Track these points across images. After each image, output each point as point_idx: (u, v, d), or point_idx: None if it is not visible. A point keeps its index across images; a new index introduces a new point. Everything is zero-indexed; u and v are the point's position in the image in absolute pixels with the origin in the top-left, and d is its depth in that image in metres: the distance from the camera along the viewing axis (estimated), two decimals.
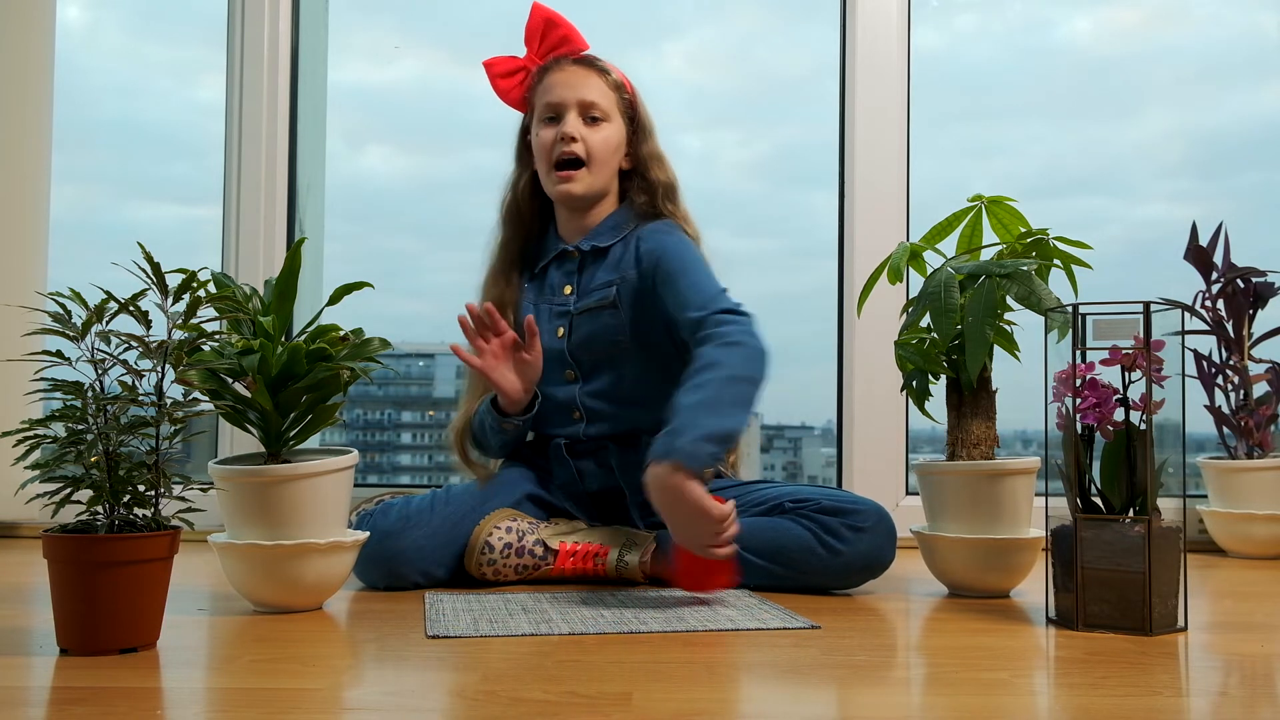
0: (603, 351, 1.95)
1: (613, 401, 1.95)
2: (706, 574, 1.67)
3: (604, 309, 1.94)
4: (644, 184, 2.02)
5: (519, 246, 2.04)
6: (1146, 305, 1.47)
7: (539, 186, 2.04)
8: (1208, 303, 2.44)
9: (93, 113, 2.79)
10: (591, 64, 1.99)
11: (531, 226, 2.05)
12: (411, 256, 2.98)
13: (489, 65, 2.02)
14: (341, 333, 1.60)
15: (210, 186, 2.68)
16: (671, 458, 1.55)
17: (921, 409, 1.81)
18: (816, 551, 1.76)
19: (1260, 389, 2.39)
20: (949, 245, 1.86)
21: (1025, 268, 1.68)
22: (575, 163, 1.94)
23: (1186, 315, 1.81)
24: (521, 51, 2.03)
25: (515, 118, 2.08)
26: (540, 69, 2.01)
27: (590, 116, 1.95)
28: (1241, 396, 2.39)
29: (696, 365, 1.67)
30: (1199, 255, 2.44)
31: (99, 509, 1.32)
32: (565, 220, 2.03)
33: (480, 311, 1.85)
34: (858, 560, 1.76)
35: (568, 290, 1.98)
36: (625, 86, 2.01)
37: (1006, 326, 1.77)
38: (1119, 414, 1.49)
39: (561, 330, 1.96)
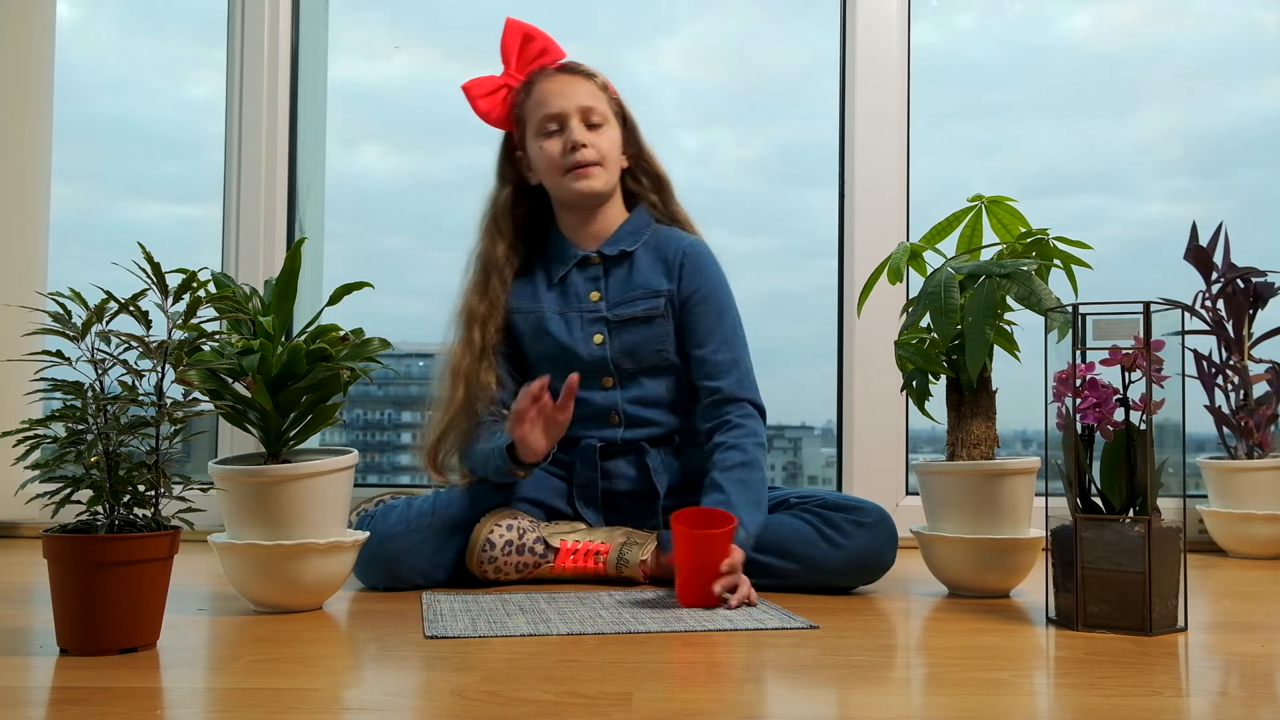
0: (647, 360, 1.95)
1: (655, 407, 1.96)
2: (705, 592, 1.60)
3: (653, 319, 1.95)
4: (649, 181, 2.04)
5: (492, 259, 2.00)
6: (1146, 305, 1.47)
7: (519, 199, 2.03)
8: (1208, 303, 2.44)
9: (85, 110, 2.78)
10: (577, 70, 1.99)
11: (510, 239, 2.02)
12: (408, 255, 2.98)
13: (469, 88, 1.98)
14: (341, 333, 1.60)
15: (205, 186, 2.67)
16: (743, 547, 1.70)
17: (921, 409, 1.81)
18: (818, 544, 1.76)
19: (1260, 389, 2.39)
20: (949, 245, 1.87)
21: (1025, 268, 1.68)
22: (588, 162, 1.94)
23: (1186, 315, 1.81)
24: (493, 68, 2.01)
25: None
26: (525, 83, 1.99)
27: (590, 122, 1.95)
28: (1241, 396, 2.39)
29: (742, 457, 1.83)
30: (1199, 255, 2.44)
31: (99, 509, 1.32)
32: (575, 226, 2.01)
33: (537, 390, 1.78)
34: (859, 555, 1.77)
35: (595, 296, 1.97)
36: (609, 88, 2.02)
37: (1006, 326, 1.77)
38: (1119, 414, 1.49)
39: (600, 337, 1.95)
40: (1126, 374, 1.49)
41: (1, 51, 2.48)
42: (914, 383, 1.80)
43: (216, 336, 1.46)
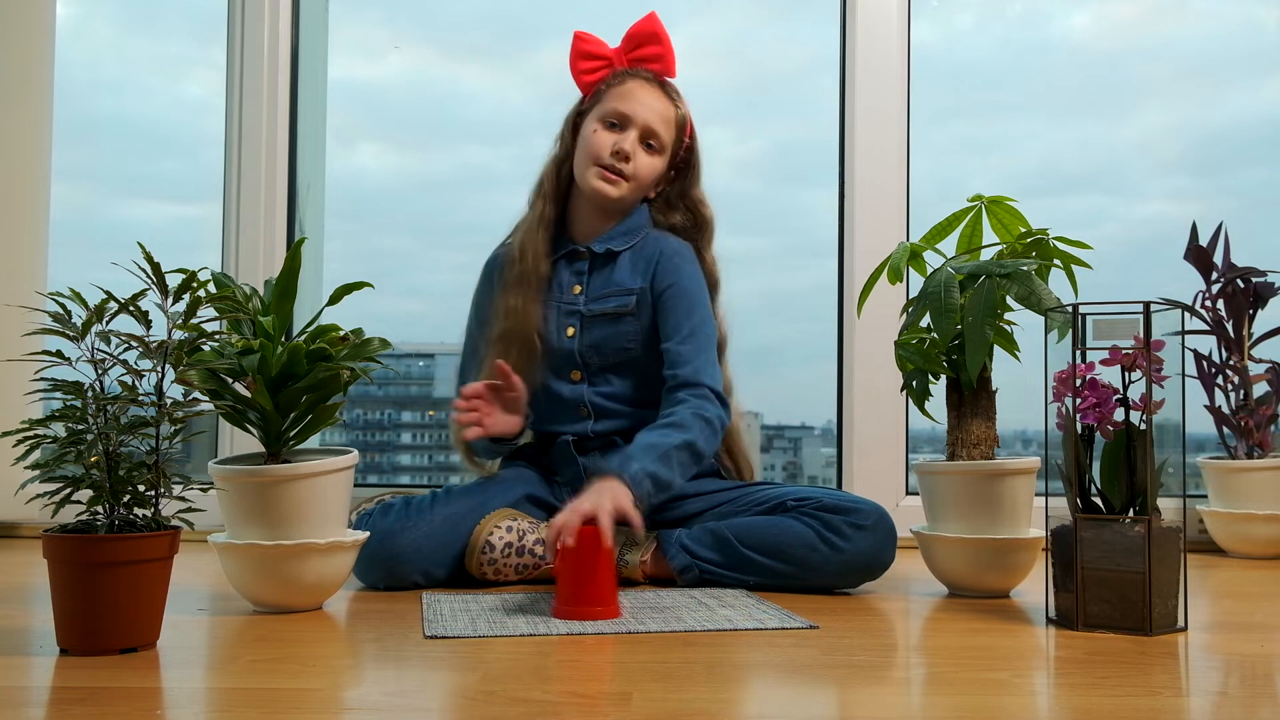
0: (613, 356, 1.98)
1: (623, 401, 1.98)
2: (584, 602, 1.53)
3: (622, 316, 1.97)
4: (683, 219, 2.06)
5: (549, 220, 2.02)
6: (1146, 305, 1.47)
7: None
8: (1208, 303, 2.44)
9: (82, 109, 2.78)
10: (668, 91, 2.02)
11: (563, 208, 2.05)
12: (407, 255, 2.98)
13: (580, 37, 2.03)
14: (341, 333, 1.60)
15: (201, 185, 2.67)
16: (622, 474, 1.69)
17: (921, 409, 1.81)
18: (818, 548, 1.76)
19: (1260, 389, 2.39)
20: (949, 245, 1.87)
21: (1025, 268, 1.68)
22: (620, 173, 1.96)
23: (1186, 315, 1.81)
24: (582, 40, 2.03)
25: (509, 118, 2.08)
26: (623, 71, 2.02)
27: (648, 142, 1.98)
28: (1241, 396, 2.39)
29: (672, 418, 1.84)
30: (1199, 255, 2.44)
31: (99, 509, 1.32)
32: (584, 217, 2.04)
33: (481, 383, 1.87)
34: (858, 558, 1.77)
35: (576, 290, 2.00)
36: (687, 127, 2.03)
37: (1006, 326, 1.77)
38: (1119, 414, 1.49)
39: (571, 330, 1.98)
40: (1126, 374, 1.49)
41: (1, 51, 2.48)
42: (914, 383, 1.80)
43: (216, 336, 1.46)
